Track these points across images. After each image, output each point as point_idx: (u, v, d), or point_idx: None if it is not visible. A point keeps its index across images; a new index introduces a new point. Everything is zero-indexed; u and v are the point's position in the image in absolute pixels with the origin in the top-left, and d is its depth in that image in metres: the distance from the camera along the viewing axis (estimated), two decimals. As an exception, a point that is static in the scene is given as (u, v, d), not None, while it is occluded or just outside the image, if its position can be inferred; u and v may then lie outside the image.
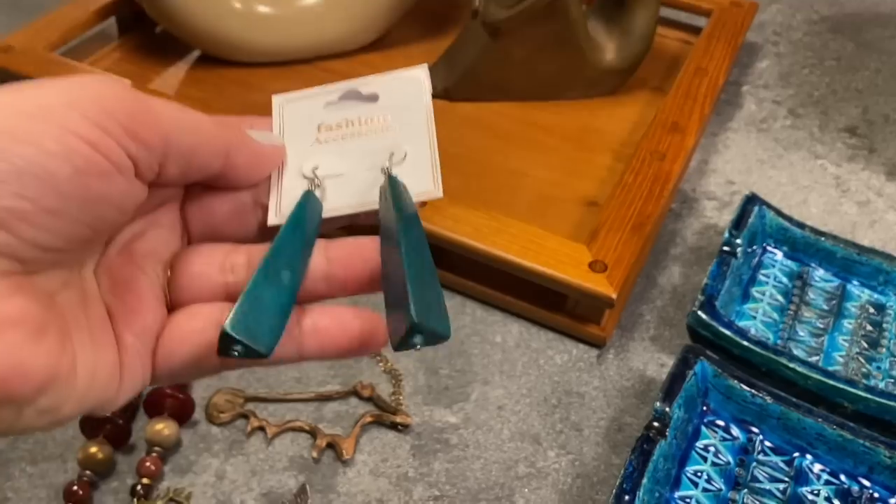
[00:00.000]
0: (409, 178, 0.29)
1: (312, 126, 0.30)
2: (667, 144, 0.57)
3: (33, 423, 0.22)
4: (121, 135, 0.23)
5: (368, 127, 0.30)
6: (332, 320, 0.27)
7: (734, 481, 0.43)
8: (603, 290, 0.47)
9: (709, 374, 0.45)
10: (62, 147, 0.22)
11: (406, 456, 0.45)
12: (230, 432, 0.45)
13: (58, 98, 0.22)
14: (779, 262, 0.54)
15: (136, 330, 0.26)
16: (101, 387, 0.24)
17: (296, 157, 0.30)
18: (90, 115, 0.22)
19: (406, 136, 0.30)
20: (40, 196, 0.21)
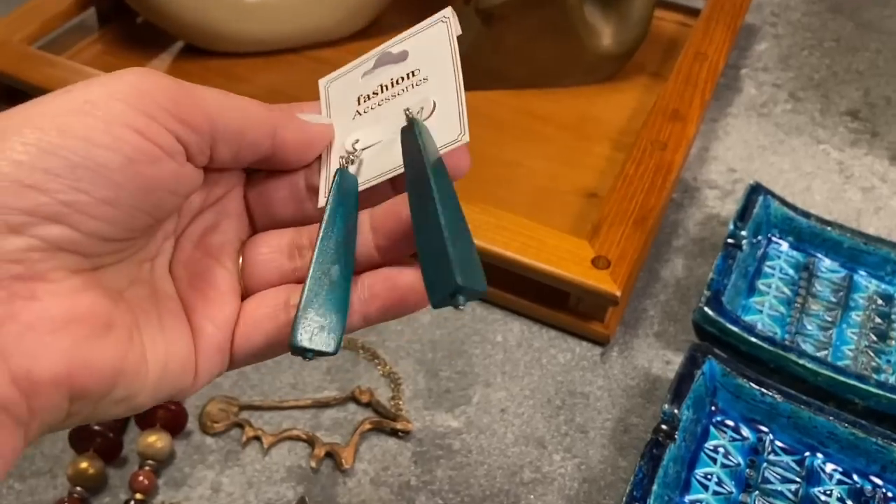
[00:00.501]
0: (436, 128, 0.28)
1: (352, 100, 0.30)
2: (668, 133, 0.56)
3: (110, 411, 0.24)
4: (167, 119, 0.24)
5: (401, 87, 0.30)
6: (384, 283, 0.27)
7: (745, 483, 0.42)
8: (606, 287, 0.46)
9: (717, 373, 0.44)
10: (111, 137, 0.22)
11: (408, 463, 0.43)
12: (225, 442, 0.44)
13: (101, 92, 0.23)
14: (784, 253, 0.53)
15: (218, 321, 0.27)
16: (175, 376, 0.25)
17: (340, 135, 0.30)
18: (134, 104, 0.23)
19: (434, 87, 0.29)
20: (95, 187, 0.22)
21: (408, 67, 0.30)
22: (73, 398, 0.22)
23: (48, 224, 0.22)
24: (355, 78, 0.31)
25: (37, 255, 0.22)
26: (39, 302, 0.22)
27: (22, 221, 0.21)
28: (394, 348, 0.48)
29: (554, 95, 0.65)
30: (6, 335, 0.21)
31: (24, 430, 0.21)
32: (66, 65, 0.59)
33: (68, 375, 0.22)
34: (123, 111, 0.23)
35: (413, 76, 0.30)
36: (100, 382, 0.22)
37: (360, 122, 0.30)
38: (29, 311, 0.21)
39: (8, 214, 0.21)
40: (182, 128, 0.24)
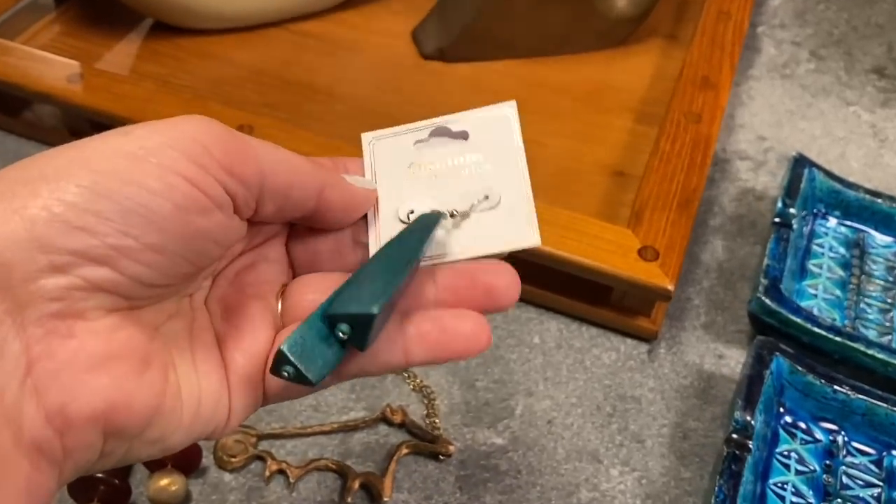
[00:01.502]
0: (503, 224, 0.28)
1: (404, 165, 0.30)
2: (700, 103, 0.51)
3: (144, 452, 0.23)
4: (218, 171, 0.23)
5: (461, 167, 0.29)
6: (434, 324, 0.26)
7: (823, 491, 0.38)
8: (657, 281, 0.42)
9: (784, 370, 0.40)
10: (163, 185, 0.22)
11: (452, 490, 0.39)
12: (245, 478, 0.39)
13: (159, 139, 0.23)
14: (832, 229, 0.49)
15: (246, 350, 0.26)
16: (209, 413, 0.25)
17: (389, 197, 0.29)
18: (189, 154, 0.23)
19: (500, 178, 0.29)
20: (143, 233, 0.22)
21: (469, 149, 0.30)
22: (108, 436, 0.22)
23: (93, 266, 0.22)
24: (407, 143, 0.30)
25: (78, 294, 0.21)
26: (76, 339, 0.21)
27: (67, 262, 0.21)
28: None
29: (565, 64, 0.60)
30: (41, 372, 0.21)
31: (59, 471, 0.21)
32: (21, 51, 0.52)
33: (105, 412, 0.21)
34: (177, 159, 0.23)
35: (475, 160, 0.29)
36: (136, 421, 0.22)
37: (413, 190, 0.29)
38: (66, 349, 0.21)
39: (55, 254, 0.21)
40: (233, 181, 0.24)
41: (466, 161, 0.29)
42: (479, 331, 0.26)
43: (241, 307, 0.27)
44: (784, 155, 0.56)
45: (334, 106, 0.56)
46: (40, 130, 0.54)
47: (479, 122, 0.30)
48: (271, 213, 0.26)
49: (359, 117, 0.55)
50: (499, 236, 0.28)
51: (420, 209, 0.29)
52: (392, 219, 0.29)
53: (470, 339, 0.26)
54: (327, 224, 0.28)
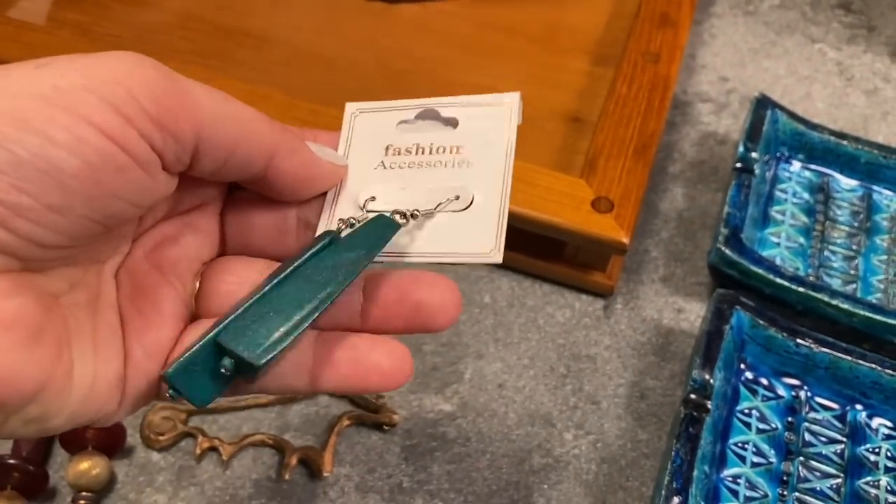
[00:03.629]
0: (467, 231, 0.25)
1: (380, 146, 0.27)
2: (658, 42, 0.48)
3: (17, 431, 0.21)
4: (144, 123, 0.20)
5: (439, 158, 0.27)
6: (348, 353, 0.24)
7: (785, 449, 0.36)
8: (612, 234, 0.39)
9: (745, 324, 0.38)
10: (71, 137, 0.19)
11: (397, 462, 0.37)
12: (175, 457, 0.37)
13: (76, 78, 0.20)
14: (796, 173, 0.47)
15: (148, 345, 0.23)
16: (100, 400, 0.22)
17: (354, 179, 0.27)
18: (109, 100, 0.20)
19: (478, 179, 0.26)
20: (42, 192, 0.19)
21: (454, 139, 0.27)
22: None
23: None
24: (390, 122, 0.28)
25: None
26: None
27: None
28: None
29: (517, 3, 0.56)
30: None
31: None
32: None
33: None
34: (94, 106, 0.19)
35: (457, 153, 0.27)
36: (17, 396, 0.20)
37: (382, 176, 0.27)
38: None
39: None
40: (161, 135, 0.21)
41: (448, 153, 0.27)
42: (397, 367, 0.24)
43: (152, 290, 0.24)
44: (747, 96, 0.53)
45: (270, 52, 0.52)
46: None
47: (473, 110, 0.27)
48: (209, 171, 0.23)
49: (296, 64, 0.52)
50: (457, 244, 0.25)
51: (382, 199, 0.26)
52: (351, 203, 0.26)
53: (386, 376, 0.23)
54: (277, 194, 0.25)
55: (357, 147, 0.27)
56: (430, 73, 0.51)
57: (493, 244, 0.25)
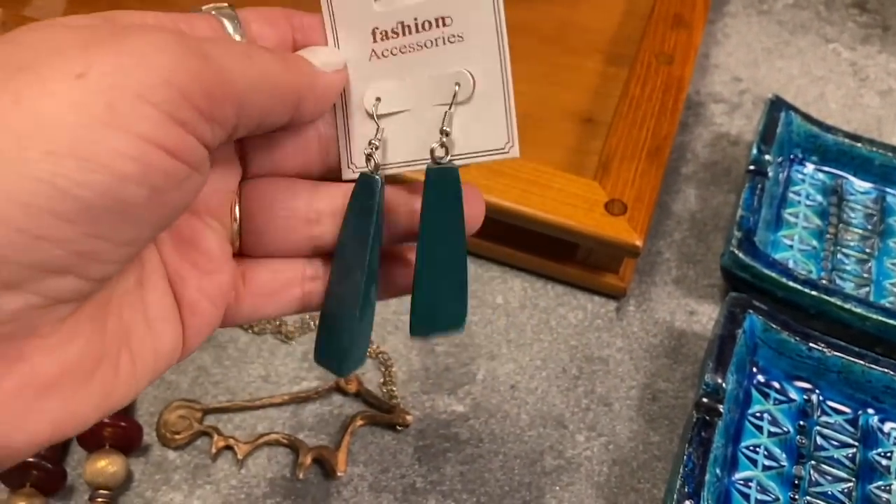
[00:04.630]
0: (474, 124, 0.24)
1: (366, 31, 0.25)
2: (672, 44, 0.48)
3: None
4: (199, 122, 0.19)
5: (429, 35, 0.24)
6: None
7: (797, 453, 0.37)
8: (625, 237, 0.39)
9: (757, 328, 0.38)
10: (140, 167, 0.18)
11: (410, 462, 0.37)
12: (191, 456, 0.37)
13: (127, 85, 0.18)
14: (809, 175, 0.47)
15: (212, 294, 0.23)
16: (162, 366, 0.22)
17: (353, 77, 0.25)
18: (167, 108, 0.18)
19: (472, 54, 0.24)
20: (115, 231, 0.18)
21: (436, 9, 0.24)
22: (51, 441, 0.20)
23: (54, 277, 0.18)
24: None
25: (34, 312, 0.18)
26: (26, 363, 0.18)
27: (23, 277, 0.17)
28: (379, 322, 0.41)
29: (528, 2, 0.56)
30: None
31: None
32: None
33: (51, 435, 0.19)
34: (155, 121, 0.18)
35: (444, 26, 0.24)
36: (81, 428, 0.20)
37: (377, 68, 0.25)
38: (13, 377, 0.18)
39: (7, 270, 0.17)
40: (212, 129, 0.20)
41: (436, 27, 0.24)
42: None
43: (195, 238, 0.23)
44: (760, 97, 0.53)
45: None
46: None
47: None
48: (238, 136, 0.22)
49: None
50: (468, 142, 0.24)
51: (388, 99, 0.25)
52: (359, 110, 0.25)
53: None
54: (295, 125, 0.24)
55: (345, 35, 0.25)
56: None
57: (506, 137, 0.24)
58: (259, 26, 0.24)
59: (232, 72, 0.20)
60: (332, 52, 0.25)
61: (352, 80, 0.25)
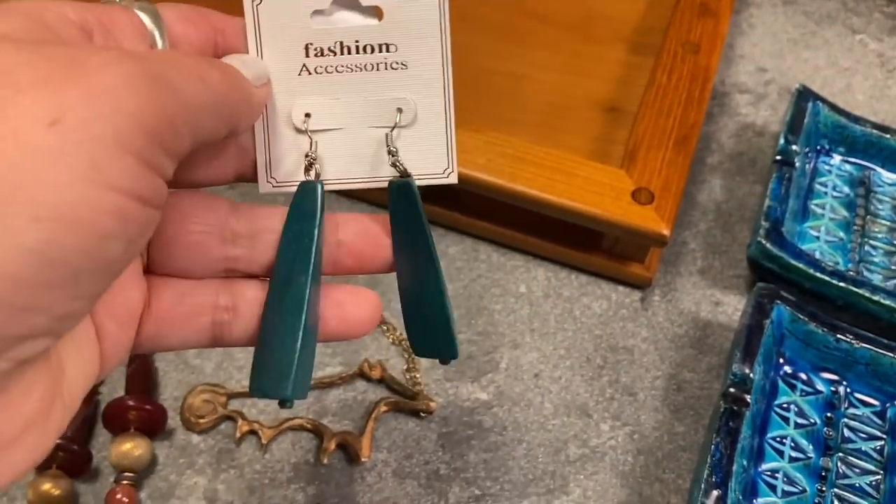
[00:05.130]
0: (415, 149, 0.25)
1: (298, 45, 0.24)
2: (699, 32, 0.48)
3: None
4: (164, 162, 0.19)
5: (370, 59, 0.24)
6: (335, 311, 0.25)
7: (824, 444, 0.36)
8: (652, 225, 0.39)
9: (785, 319, 0.38)
10: (121, 223, 0.17)
11: (434, 449, 0.37)
12: (215, 440, 0.37)
13: (101, 133, 0.17)
14: (836, 166, 0.47)
15: (118, 315, 0.22)
16: (87, 387, 0.21)
17: (279, 89, 0.25)
18: (141, 153, 0.17)
19: (415, 83, 0.24)
20: (94, 288, 0.18)
21: (381, 35, 0.24)
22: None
23: (31, 342, 0.17)
24: (302, 12, 0.24)
25: (4, 376, 0.17)
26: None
27: (1, 348, 0.16)
28: (398, 310, 0.41)
29: (553, -9, 0.56)
30: None
31: None
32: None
33: (17, 480, 0.19)
34: (132, 173, 0.17)
35: (387, 51, 0.24)
36: (41, 460, 0.19)
37: (308, 84, 0.25)
38: None
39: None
40: (171, 163, 0.19)
41: (378, 52, 0.24)
42: (374, 316, 0.25)
43: None
44: (786, 87, 0.52)
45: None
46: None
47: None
48: None
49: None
50: (409, 165, 0.25)
51: (318, 115, 0.24)
52: (283, 122, 0.25)
53: (365, 325, 0.25)
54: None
55: (270, 45, 0.24)
56: (464, 62, 0.50)
57: (446, 163, 0.25)
58: (183, 27, 0.23)
59: (189, 99, 0.19)
60: (259, 62, 0.24)
61: (276, 93, 0.25)
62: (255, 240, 0.24)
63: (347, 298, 0.25)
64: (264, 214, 0.24)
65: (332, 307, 0.25)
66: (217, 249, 0.24)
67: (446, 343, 0.25)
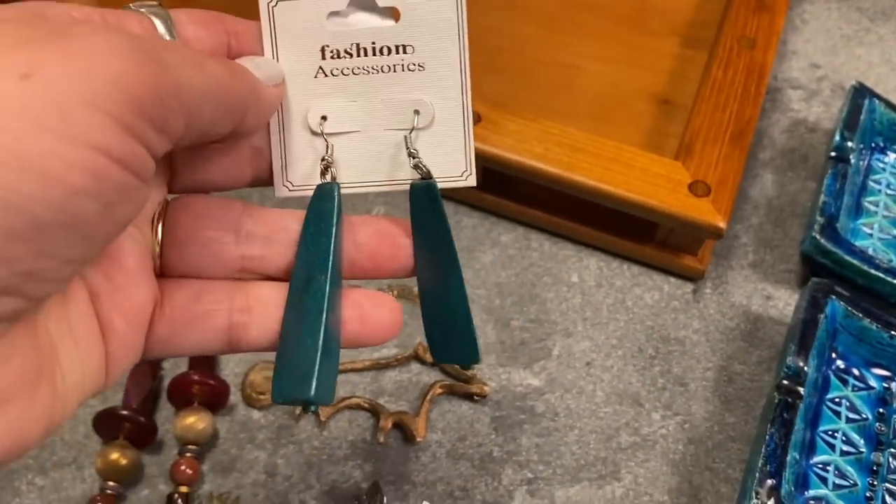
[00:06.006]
0: (433, 151, 0.24)
1: (315, 47, 0.24)
2: (755, 28, 0.48)
3: None
4: (149, 133, 0.18)
5: (386, 61, 0.24)
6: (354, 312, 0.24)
7: (876, 440, 0.37)
8: (709, 218, 0.39)
9: (838, 314, 0.38)
10: (94, 180, 0.17)
11: (487, 432, 0.38)
12: (275, 416, 0.38)
13: (78, 91, 0.16)
14: (890, 164, 0.47)
15: (127, 312, 0.22)
16: (89, 389, 0.21)
17: (295, 92, 0.24)
18: (119, 116, 0.17)
19: (433, 85, 0.24)
20: (65, 248, 0.17)
21: (397, 37, 0.24)
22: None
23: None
24: (318, 14, 0.24)
25: None
26: None
27: None
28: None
29: (606, -18, 0.56)
30: None
31: None
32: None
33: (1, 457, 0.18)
34: (107, 131, 0.17)
35: (404, 53, 0.24)
36: (28, 447, 0.19)
37: (324, 86, 0.25)
38: None
39: None
40: (160, 138, 0.18)
41: (395, 54, 0.24)
42: (395, 320, 0.24)
43: (114, 251, 0.22)
44: (839, 84, 0.52)
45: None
46: None
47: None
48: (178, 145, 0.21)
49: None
50: (431, 165, 0.25)
51: (335, 118, 0.24)
52: (300, 125, 0.25)
53: (385, 327, 0.24)
54: (232, 137, 0.23)
55: (287, 48, 0.24)
56: (518, 51, 0.51)
57: (464, 165, 0.24)
58: (194, 29, 0.23)
59: (185, 80, 0.19)
60: (273, 64, 0.24)
61: (291, 95, 0.24)
62: (270, 240, 0.24)
63: (366, 300, 0.24)
64: (279, 214, 0.24)
65: (350, 308, 0.24)
66: (232, 249, 0.24)
67: (469, 347, 0.25)
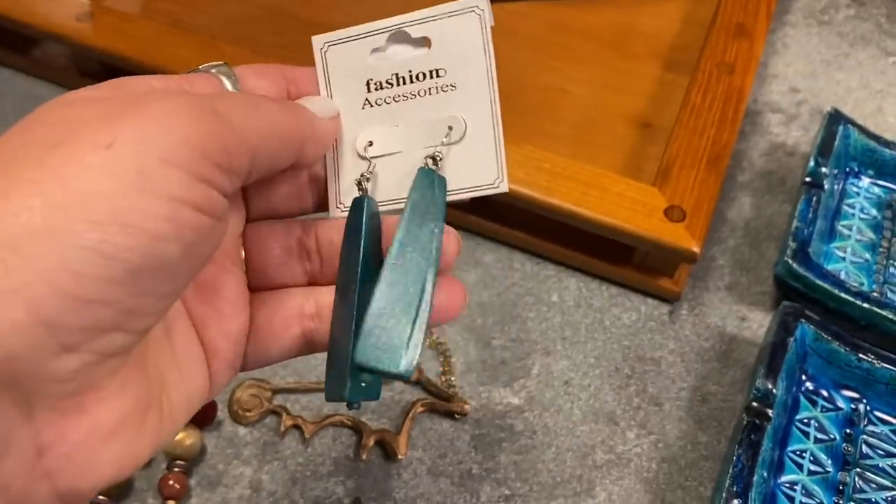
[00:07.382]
0: (467, 163, 0.26)
1: (361, 82, 0.27)
2: (734, 53, 0.49)
3: None
4: (218, 176, 0.20)
5: (422, 85, 0.26)
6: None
7: (842, 460, 0.38)
8: (683, 243, 0.40)
9: (808, 337, 0.39)
10: (173, 226, 0.19)
11: (467, 449, 0.39)
12: (261, 433, 0.39)
13: (152, 152, 0.19)
14: (864, 188, 0.48)
15: (232, 336, 0.25)
16: (195, 403, 0.24)
17: (346, 123, 0.27)
18: (189, 167, 0.19)
19: (464, 102, 0.26)
20: (156, 286, 0.19)
21: (430, 62, 0.26)
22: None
23: (105, 335, 0.19)
24: (362, 52, 0.27)
25: (90, 369, 0.19)
26: (88, 415, 0.20)
27: (78, 340, 0.18)
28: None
29: (591, 6, 0.57)
30: (54, 457, 0.19)
31: None
32: None
33: (112, 478, 0.21)
34: (181, 182, 0.19)
35: (437, 77, 0.26)
36: (138, 467, 0.21)
37: (371, 115, 0.27)
38: (78, 429, 0.20)
39: (65, 335, 0.18)
40: (230, 181, 0.21)
41: (429, 79, 0.26)
42: (462, 298, 0.25)
43: (216, 284, 0.25)
44: (818, 108, 0.54)
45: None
46: (50, 69, 0.53)
47: (440, 24, 0.26)
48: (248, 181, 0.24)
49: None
50: (461, 178, 0.26)
51: (380, 142, 0.27)
52: (350, 152, 0.27)
53: (452, 309, 0.25)
54: (294, 168, 0.26)
55: (338, 86, 0.27)
56: (503, 74, 0.52)
57: (496, 173, 0.26)
58: (255, 80, 0.26)
59: (243, 123, 0.21)
60: (327, 101, 0.27)
61: (344, 126, 0.27)
62: (322, 253, 0.27)
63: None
64: (326, 227, 0.27)
65: None
66: (297, 265, 0.27)
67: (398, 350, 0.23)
